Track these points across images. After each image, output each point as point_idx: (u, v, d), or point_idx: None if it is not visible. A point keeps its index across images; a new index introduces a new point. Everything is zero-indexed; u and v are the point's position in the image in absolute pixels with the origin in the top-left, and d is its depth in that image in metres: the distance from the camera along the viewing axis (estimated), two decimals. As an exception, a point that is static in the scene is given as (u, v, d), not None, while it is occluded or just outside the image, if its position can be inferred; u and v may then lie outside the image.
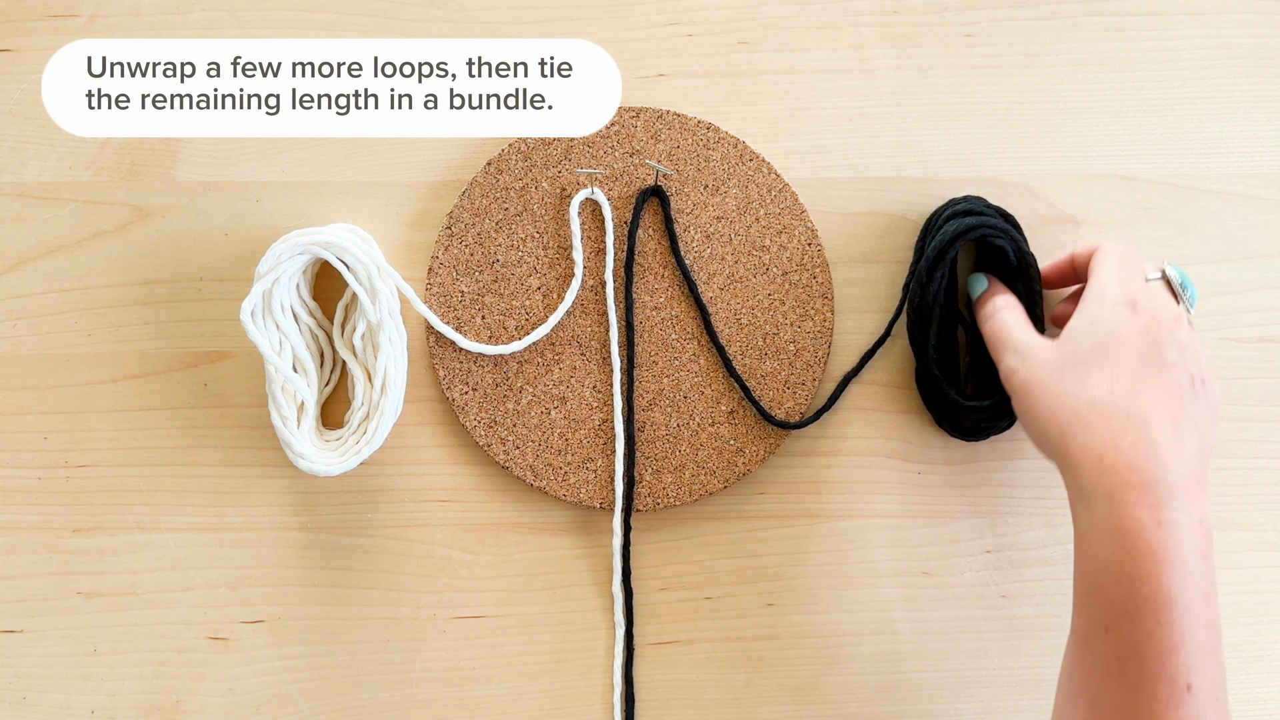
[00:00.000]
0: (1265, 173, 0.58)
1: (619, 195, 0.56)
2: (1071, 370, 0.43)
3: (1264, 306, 0.58)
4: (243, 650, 0.55)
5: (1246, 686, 0.56)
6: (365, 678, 0.55)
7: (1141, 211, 0.58)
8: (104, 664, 0.55)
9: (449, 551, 0.56)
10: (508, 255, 0.56)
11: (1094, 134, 0.58)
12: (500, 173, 0.56)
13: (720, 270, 0.56)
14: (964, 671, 0.55)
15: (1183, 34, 0.59)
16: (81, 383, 0.56)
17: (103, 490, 0.56)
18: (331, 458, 0.52)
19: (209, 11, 0.58)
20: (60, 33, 0.58)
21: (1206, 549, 0.40)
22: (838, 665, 0.55)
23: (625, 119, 0.56)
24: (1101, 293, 0.45)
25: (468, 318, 0.56)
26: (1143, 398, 0.41)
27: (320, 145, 0.57)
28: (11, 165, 0.57)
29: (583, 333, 0.56)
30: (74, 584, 0.55)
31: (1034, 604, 0.55)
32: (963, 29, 0.59)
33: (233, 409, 0.56)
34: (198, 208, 0.57)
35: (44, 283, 0.56)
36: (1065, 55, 0.59)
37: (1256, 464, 0.57)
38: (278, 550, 0.55)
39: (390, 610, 0.55)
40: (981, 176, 0.58)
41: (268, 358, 0.51)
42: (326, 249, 0.52)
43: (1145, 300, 0.44)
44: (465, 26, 0.58)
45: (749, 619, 0.56)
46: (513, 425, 0.55)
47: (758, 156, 0.57)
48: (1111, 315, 0.44)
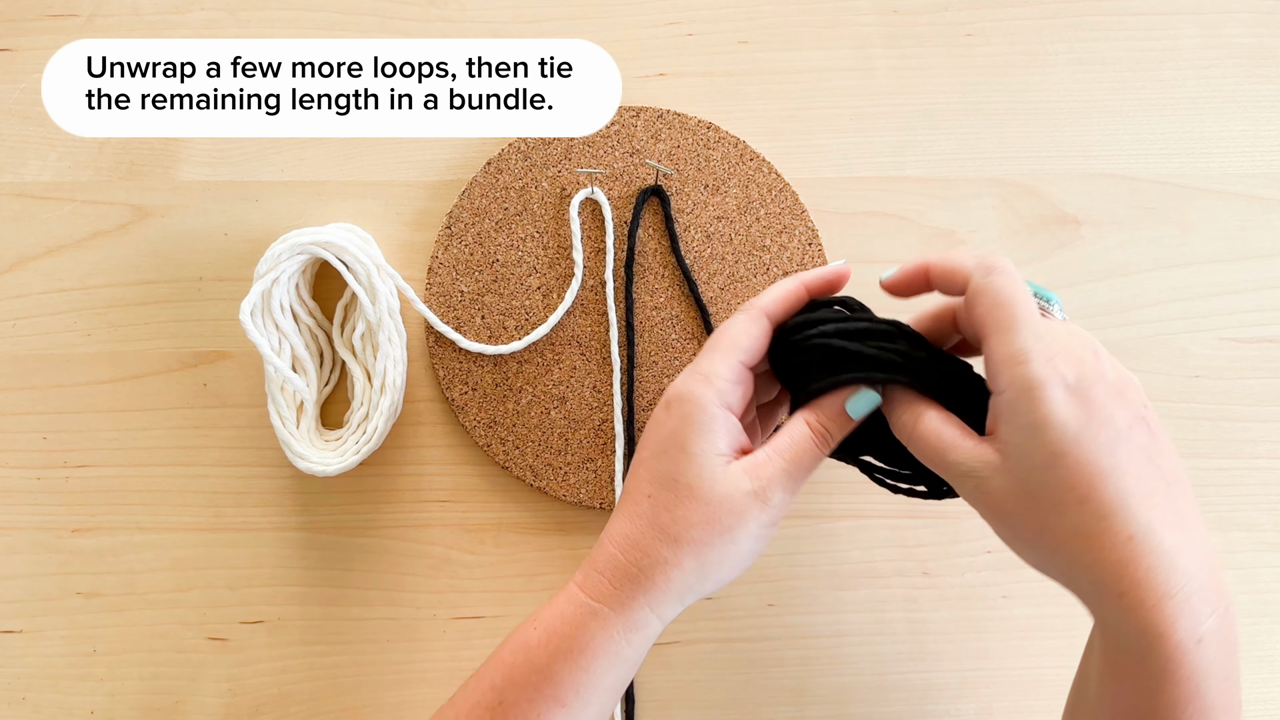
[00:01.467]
0: (1266, 172, 0.58)
1: (619, 195, 0.56)
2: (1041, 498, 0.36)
3: (1264, 306, 0.58)
4: (242, 650, 0.55)
5: (1247, 687, 0.55)
6: (365, 678, 0.55)
7: (1142, 211, 0.58)
8: (103, 664, 0.55)
9: (449, 552, 0.56)
10: (507, 255, 0.56)
11: (1094, 133, 0.58)
12: (500, 172, 0.56)
13: (720, 270, 0.56)
14: (964, 672, 0.55)
15: (1183, 34, 0.59)
16: (81, 383, 0.56)
17: (102, 490, 0.55)
18: (331, 458, 0.52)
19: (209, 11, 0.58)
20: (60, 32, 0.58)
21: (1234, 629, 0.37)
22: (838, 666, 0.55)
23: (625, 118, 0.56)
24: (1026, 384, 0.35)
25: (467, 318, 0.56)
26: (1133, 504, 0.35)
27: (320, 145, 0.57)
28: (11, 165, 0.57)
29: (583, 333, 0.56)
30: (73, 584, 0.55)
31: (1035, 605, 0.55)
32: (963, 28, 0.59)
33: (232, 409, 0.56)
34: (197, 207, 0.57)
35: (43, 282, 0.56)
36: (1066, 55, 0.59)
37: (1257, 464, 0.57)
38: (277, 550, 0.55)
39: (390, 610, 0.55)
40: (982, 176, 0.58)
41: (267, 358, 0.51)
42: (326, 249, 0.52)
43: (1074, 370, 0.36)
44: (465, 26, 0.58)
45: (749, 619, 0.56)
46: (512, 425, 0.55)
47: (758, 156, 0.56)
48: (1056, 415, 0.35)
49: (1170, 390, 0.57)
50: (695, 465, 0.39)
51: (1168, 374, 0.57)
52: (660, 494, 0.40)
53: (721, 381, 0.40)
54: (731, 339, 0.41)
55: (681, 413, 0.40)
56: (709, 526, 0.39)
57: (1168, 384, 0.57)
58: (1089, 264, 0.58)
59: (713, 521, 0.39)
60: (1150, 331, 0.57)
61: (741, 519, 0.39)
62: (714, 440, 0.40)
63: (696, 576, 0.39)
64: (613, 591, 0.39)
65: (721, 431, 0.40)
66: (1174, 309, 0.57)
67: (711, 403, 0.40)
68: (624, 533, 0.40)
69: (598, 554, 0.41)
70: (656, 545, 0.39)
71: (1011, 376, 0.36)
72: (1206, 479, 0.57)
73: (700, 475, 0.39)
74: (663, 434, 0.41)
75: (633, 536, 0.40)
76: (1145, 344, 0.57)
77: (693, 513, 0.39)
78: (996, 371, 0.37)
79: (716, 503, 0.39)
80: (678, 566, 0.39)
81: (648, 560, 0.39)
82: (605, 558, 0.40)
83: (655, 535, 0.39)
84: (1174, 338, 0.57)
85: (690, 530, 0.39)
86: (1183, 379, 0.57)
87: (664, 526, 0.39)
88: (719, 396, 0.40)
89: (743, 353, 0.41)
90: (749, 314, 0.42)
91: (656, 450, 0.41)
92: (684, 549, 0.39)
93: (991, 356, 0.37)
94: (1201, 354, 0.57)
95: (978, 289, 0.38)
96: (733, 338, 0.41)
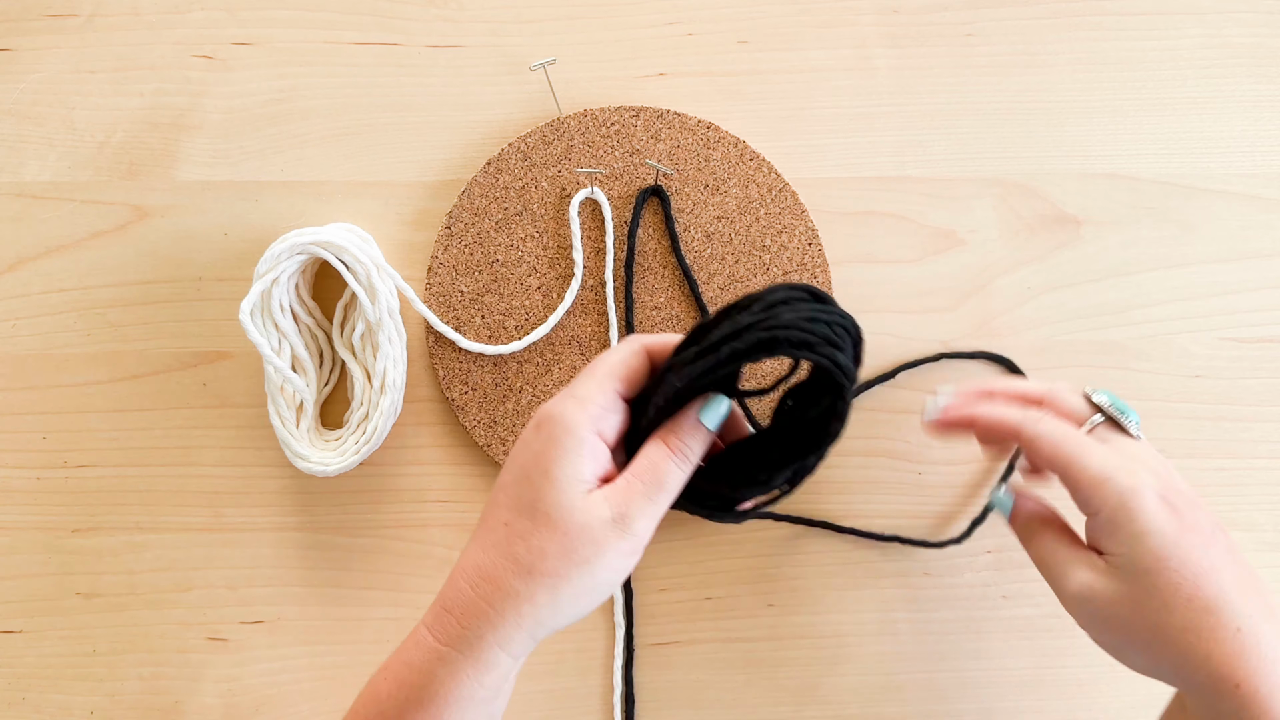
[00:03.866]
0: (1266, 172, 0.58)
1: (619, 195, 0.56)
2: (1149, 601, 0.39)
3: (1264, 306, 0.58)
4: (242, 651, 0.55)
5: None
6: (365, 677, 0.55)
7: (1142, 211, 0.58)
8: (103, 664, 0.55)
9: (448, 552, 0.56)
10: (507, 255, 0.56)
11: (1095, 133, 0.58)
12: (500, 172, 0.56)
13: (720, 270, 0.56)
14: (965, 672, 0.55)
15: (1184, 33, 0.59)
16: (80, 382, 0.56)
17: (102, 490, 0.55)
18: (330, 458, 0.52)
19: (208, 11, 0.58)
20: (60, 32, 0.58)
21: None
22: (838, 666, 0.55)
23: (625, 118, 0.56)
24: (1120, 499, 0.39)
25: (467, 317, 0.55)
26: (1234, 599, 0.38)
27: (320, 145, 0.57)
28: (10, 165, 0.57)
29: (583, 333, 0.56)
30: (73, 584, 0.55)
31: (1035, 604, 0.55)
32: (963, 28, 0.59)
33: (232, 409, 0.56)
34: (197, 207, 0.57)
35: (43, 282, 0.56)
36: (1066, 54, 0.59)
37: (1257, 464, 0.57)
38: (277, 550, 0.55)
39: (390, 610, 0.55)
40: (982, 176, 0.58)
41: (267, 357, 0.51)
42: (325, 248, 0.52)
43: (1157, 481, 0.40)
44: (465, 26, 0.58)
45: (749, 619, 0.56)
46: (512, 425, 0.55)
47: (758, 156, 0.56)
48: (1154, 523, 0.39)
49: (1171, 390, 0.57)
50: (555, 491, 0.38)
51: (1168, 374, 0.57)
52: (517, 521, 0.38)
53: (595, 406, 0.39)
54: (606, 363, 0.40)
55: (550, 435, 0.38)
56: (565, 558, 0.37)
57: (1168, 384, 0.57)
58: (1089, 264, 0.58)
59: (570, 553, 0.37)
60: (1150, 331, 0.57)
61: (599, 549, 0.37)
62: (579, 466, 0.38)
63: (550, 610, 0.38)
64: (460, 632, 0.37)
65: (589, 457, 0.38)
66: (1174, 309, 0.57)
67: (582, 426, 0.38)
68: (476, 563, 0.38)
69: (448, 590, 0.39)
70: (508, 577, 0.37)
71: (1103, 497, 0.40)
72: (1207, 479, 0.57)
73: (559, 502, 0.37)
74: (527, 456, 0.39)
75: (485, 568, 0.38)
76: (1145, 344, 0.57)
77: (549, 542, 0.37)
78: (1086, 499, 0.40)
79: (575, 532, 0.37)
80: (529, 600, 0.37)
81: (498, 594, 0.37)
82: (455, 594, 0.38)
83: (508, 566, 0.37)
84: (1174, 338, 0.57)
85: (545, 561, 0.37)
86: (1183, 379, 0.57)
87: (518, 556, 0.37)
88: (591, 421, 0.38)
89: (619, 381, 0.40)
90: (630, 344, 0.41)
91: (519, 474, 0.39)
92: (537, 581, 0.37)
93: (1077, 490, 0.41)
94: (1202, 354, 0.57)
95: (1031, 441, 0.42)
96: (607, 361, 0.40)
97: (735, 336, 0.37)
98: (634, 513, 0.38)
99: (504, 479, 0.39)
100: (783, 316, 0.37)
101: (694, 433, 0.40)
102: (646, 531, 0.38)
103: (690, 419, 0.40)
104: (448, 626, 0.38)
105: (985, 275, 0.57)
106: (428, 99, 0.58)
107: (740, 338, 0.37)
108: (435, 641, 0.38)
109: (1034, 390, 0.45)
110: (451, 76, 0.58)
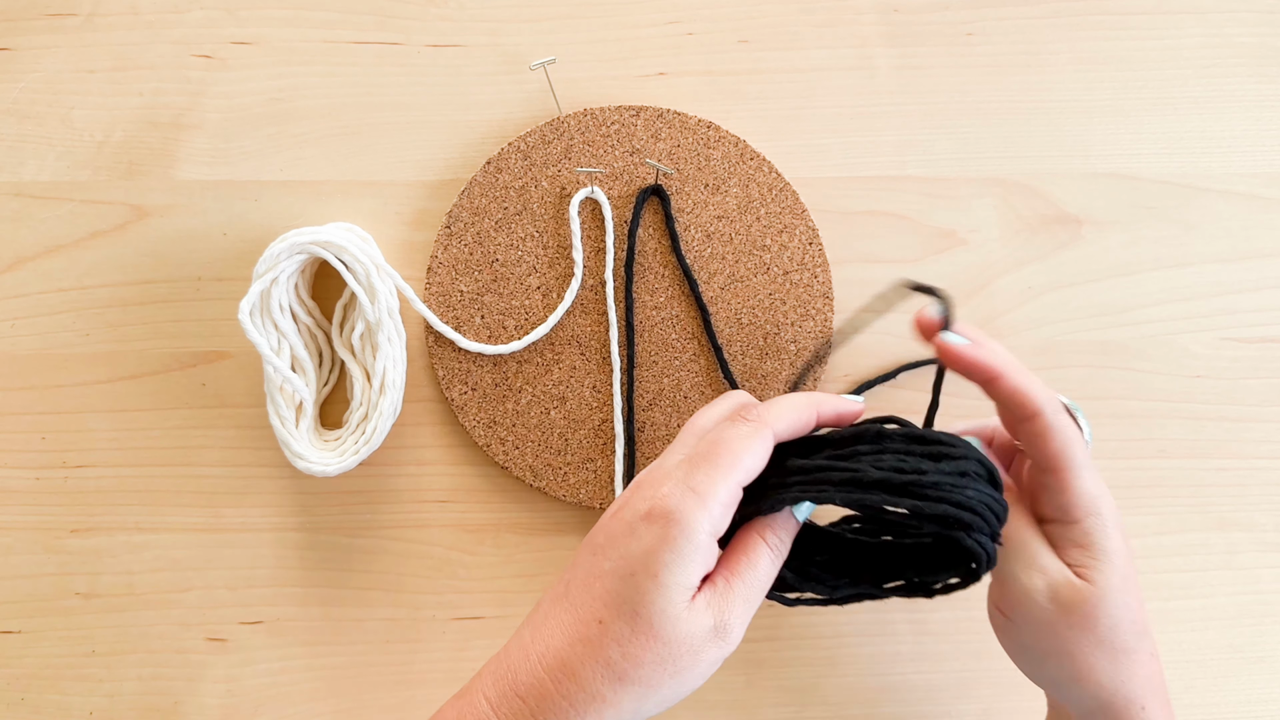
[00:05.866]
0: (1267, 172, 0.58)
1: (619, 194, 0.56)
2: (1101, 616, 0.40)
3: (1265, 306, 0.57)
4: (241, 651, 0.55)
5: (1248, 688, 0.56)
6: (365, 678, 0.55)
7: (1143, 211, 0.58)
8: (102, 665, 0.55)
9: (448, 552, 0.55)
10: (507, 254, 0.56)
11: (1096, 133, 0.58)
12: (500, 172, 0.56)
13: (721, 270, 0.56)
14: (965, 672, 0.55)
15: (1185, 33, 0.59)
16: (79, 382, 0.56)
17: (101, 490, 0.55)
18: (330, 458, 0.52)
19: (208, 10, 0.58)
20: (59, 32, 0.58)
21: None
22: (838, 666, 0.55)
23: (625, 118, 0.56)
24: (1104, 518, 0.40)
25: (467, 317, 0.55)
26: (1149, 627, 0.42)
27: (320, 145, 0.57)
28: (10, 164, 0.57)
29: (582, 333, 0.56)
30: (72, 584, 0.55)
31: (1035, 605, 0.55)
32: (964, 28, 0.59)
33: (231, 409, 0.56)
34: (196, 207, 0.57)
35: (42, 282, 0.56)
36: (1067, 54, 0.59)
37: (1258, 464, 0.57)
38: (276, 551, 0.55)
39: (390, 611, 0.55)
40: (982, 176, 0.58)
41: (266, 357, 0.51)
42: (325, 248, 0.52)
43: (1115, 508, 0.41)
44: (465, 25, 0.58)
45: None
46: (512, 425, 0.55)
47: (758, 155, 0.56)
48: (1121, 548, 0.40)
49: (1172, 390, 0.57)
50: (663, 600, 0.35)
51: (1169, 374, 0.57)
52: (615, 624, 0.35)
53: (717, 505, 0.35)
54: (735, 456, 0.36)
55: (664, 534, 0.35)
56: (661, 667, 0.35)
57: (1169, 384, 0.57)
58: (1090, 264, 0.57)
59: (666, 662, 0.35)
60: (1152, 331, 0.57)
61: (698, 659, 0.35)
62: (690, 573, 0.35)
63: (631, 716, 0.35)
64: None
65: (701, 563, 0.35)
66: (1175, 309, 0.57)
67: (701, 530, 0.35)
68: (560, 655, 0.35)
69: (520, 669, 0.36)
70: (597, 681, 0.35)
71: (1089, 509, 0.40)
72: (1208, 479, 0.56)
73: (665, 611, 0.35)
74: (636, 550, 0.35)
75: (571, 664, 0.35)
76: (1147, 344, 0.57)
77: (647, 651, 0.35)
78: (1070, 505, 0.40)
79: (676, 642, 0.35)
80: (614, 706, 0.35)
81: (582, 695, 0.35)
82: (530, 680, 0.35)
83: (598, 670, 0.35)
84: (1175, 338, 0.57)
85: (639, 669, 0.35)
86: (1184, 379, 0.57)
87: (611, 662, 0.35)
88: (711, 523, 0.35)
89: (745, 474, 0.36)
90: (757, 429, 0.37)
91: (623, 569, 0.35)
92: (627, 689, 0.35)
93: (1064, 493, 0.40)
94: (1203, 354, 0.57)
95: (1047, 429, 0.40)
96: (736, 454, 0.36)
97: (916, 492, 0.35)
98: (735, 620, 0.36)
99: (602, 564, 0.36)
100: (967, 493, 0.36)
101: (788, 526, 0.39)
102: (740, 636, 0.36)
103: (787, 511, 0.38)
104: (518, 713, 0.35)
105: (986, 275, 0.57)
106: (427, 98, 0.58)
107: (922, 495, 0.35)
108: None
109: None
110: (451, 76, 0.58)
